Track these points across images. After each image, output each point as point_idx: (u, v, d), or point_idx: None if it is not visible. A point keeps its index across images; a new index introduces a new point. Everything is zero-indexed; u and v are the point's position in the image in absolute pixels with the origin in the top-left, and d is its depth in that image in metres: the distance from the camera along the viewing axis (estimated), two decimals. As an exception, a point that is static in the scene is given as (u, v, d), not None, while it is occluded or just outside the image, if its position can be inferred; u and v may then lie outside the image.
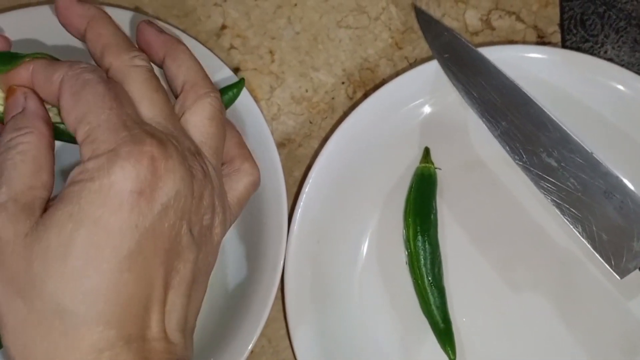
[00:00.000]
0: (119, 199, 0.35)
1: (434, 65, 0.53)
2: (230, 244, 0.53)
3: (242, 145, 0.46)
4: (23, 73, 0.41)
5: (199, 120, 0.41)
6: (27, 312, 0.35)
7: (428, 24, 0.55)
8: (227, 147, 0.44)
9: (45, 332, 0.35)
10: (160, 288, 0.37)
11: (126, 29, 0.52)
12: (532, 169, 0.51)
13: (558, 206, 0.51)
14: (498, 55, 0.53)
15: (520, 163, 0.52)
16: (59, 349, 0.35)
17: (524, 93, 0.52)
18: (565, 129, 0.52)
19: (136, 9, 0.55)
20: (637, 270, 0.49)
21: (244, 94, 0.52)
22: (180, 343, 0.38)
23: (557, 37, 0.57)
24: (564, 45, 0.57)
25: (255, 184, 0.45)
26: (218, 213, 0.40)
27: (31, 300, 0.35)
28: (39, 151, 0.38)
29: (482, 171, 0.55)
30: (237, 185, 0.44)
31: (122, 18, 0.52)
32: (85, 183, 0.36)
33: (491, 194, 0.55)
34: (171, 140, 0.38)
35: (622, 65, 0.54)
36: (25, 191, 0.37)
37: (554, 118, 0.52)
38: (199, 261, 0.39)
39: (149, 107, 0.39)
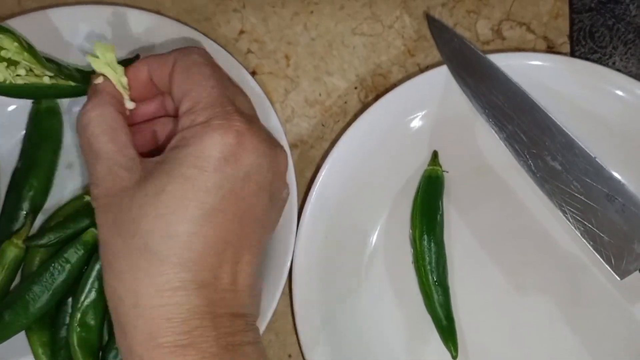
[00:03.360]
0: (208, 162, 0.41)
1: (444, 71, 0.55)
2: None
3: None
4: (141, 66, 0.48)
5: None
6: (121, 247, 0.42)
7: (439, 31, 0.56)
8: None
9: (133, 265, 0.41)
10: (235, 246, 0.43)
11: (147, 31, 0.55)
12: (536, 171, 0.53)
13: (561, 208, 0.52)
14: (507, 63, 0.54)
15: (525, 166, 0.53)
16: (141, 281, 0.41)
17: (530, 98, 0.53)
18: (570, 134, 0.53)
19: (158, 13, 0.57)
20: (638, 272, 0.50)
21: (260, 96, 0.54)
22: (247, 299, 0.43)
23: (566, 48, 0.58)
24: (573, 56, 0.58)
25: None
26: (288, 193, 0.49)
27: (126, 237, 0.41)
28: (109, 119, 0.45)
29: (489, 175, 0.56)
30: None
31: (143, 20, 0.55)
32: (182, 148, 0.42)
33: (497, 198, 0.56)
34: (257, 122, 0.46)
35: (630, 76, 0.55)
36: (115, 154, 0.44)
37: (559, 123, 0.53)
38: (270, 230, 0.46)
39: (243, 97, 0.48)
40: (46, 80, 0.48)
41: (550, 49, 0.58)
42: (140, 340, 0.41)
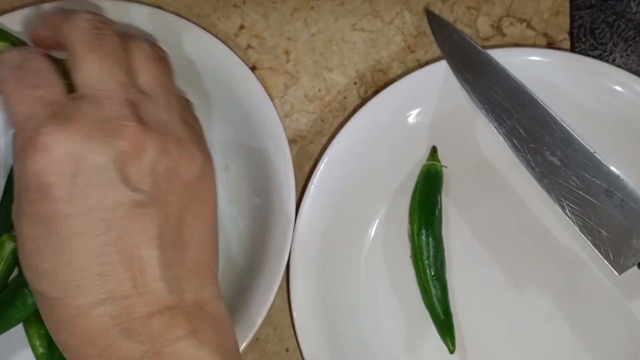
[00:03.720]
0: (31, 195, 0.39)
1: (443, 66, 0.55)
2: (238, 232, 0.55)
3: None
4: None
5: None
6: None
7: (439, 26, 0.56)
8: None
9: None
10: (116, 253, 0.38)
11: (147, 25, 0.55)
12: (535, 167, 0.53)
13: (560, 203, 0.52)
14: (507, 58, 0.54)
15: (524, 161, 0.53)
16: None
17: (530, 94, 0.53)
18: (569, 129, 0.53)
19: (159, 7, 0.57)
20: (637, 267, 0.50)
21: (260, 90, 0.54)
22: (162, 290, 0.39)
23: (567, 45, 0.58)
24: (573, 52, 0.58)
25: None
26: (172, 151, 0.41)
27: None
28: None
29: (488, 170, 0.56)
30: None
31: (144, 14, 0.55)
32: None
33: (497, 193, 0.56)
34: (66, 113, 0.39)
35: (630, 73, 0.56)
36: None
37: (558, 118, 0.53)
38: (163, 209, 0.40)
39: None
40: None
41: (551, 46, 0.58)
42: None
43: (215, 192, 0.44)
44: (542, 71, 0.54)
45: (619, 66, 0.57)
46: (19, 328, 0.53)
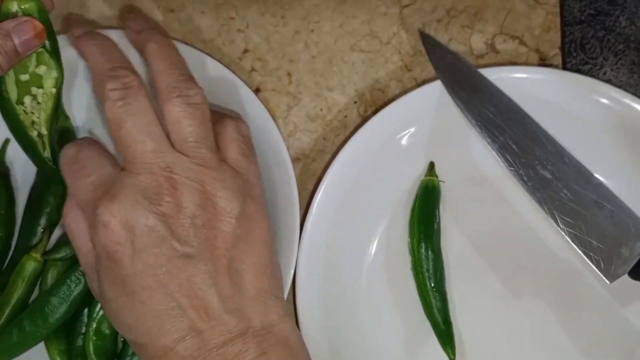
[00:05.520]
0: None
1: (438, 85, 0.57)
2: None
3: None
4: None
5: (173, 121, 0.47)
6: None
7: (433, 47, 0.58)
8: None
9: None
10: (182, 297, 0.44)
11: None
12: (527, 180, 0.54)
13: (552, 215, 0.54)
14: (499, 76, 0.56)
15: (517, 175, 0.55)
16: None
17: (521, 110, 0.55)
18: (560, 143, 0.55)
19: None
20: (627, 275, 0.52)
21: (263, 112, 0.56)
22: (230, 321, 0.44)
23: (558, 60, 0.60)
24: (565, 67, 0.60)
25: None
26: (207, 205, 0.46)
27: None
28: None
29: (484, 184, 0.58)
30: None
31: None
32: None
33: (492, 206, 0.58)
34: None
35: (620, 87, 0.58)
36: None
37: (549, 133, 0.55)
38: (210, 254, 0.45)
39: None
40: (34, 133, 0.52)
41: (543, 61, 0.60)
42: None
43: (263, 228, 0.48)
44: (533, 88, 0.56)
45: (610, 79, 0.59)
46: (41, 345, 0.55)
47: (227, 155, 0.49)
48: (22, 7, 0.48)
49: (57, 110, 0.52)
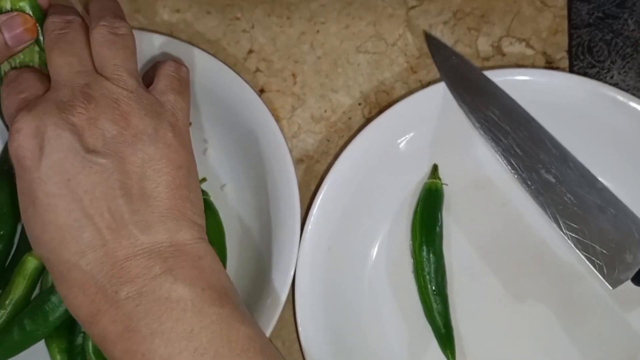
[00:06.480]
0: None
1: (442, 87, 0.57)
2: (245, 248, 0.58)
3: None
4: None
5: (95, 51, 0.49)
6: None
7: (437, 49, 0.58)
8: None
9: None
10: (87, 206, 0.44)
11: (160, 53, 0.57)
12: (531, 184, 0.54)
13: (555, 219, 0.53)
14: (504, 78, 0.56)
15: (520, 179, 0.55)
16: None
17: (525, 113, 0.55)
18: (564, 147, 0.54)
19: (171, 35, 0.60)
20: (629, 281, 0.51)
21: (266, 113, 0.56)
22: (136, 233, 0.44)
23: (565, 63, 0.60)
24: (572, 70, 0.59)
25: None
26: (117, 119, 0.46)
27: None
28: None
29: (488, 187, 0.58)
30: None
31: (156, 42, 0.57)
32: None
33: (496, 209, 0.57)
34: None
35: (628, 90, 0.57)
36: None
37: (554, 137, 0.54)
38: (119, 165, 0.45)
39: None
40: None
41: (549, 64, 0.59)
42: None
43: (178, 152, 0.48)
44: (538, 91, 0.56)
45: (617, 83, 0.58)
46: (41, 343, 0.55)
47: (155, 87, 0.50)
48: (16, 5, 0.50)
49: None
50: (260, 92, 0.60)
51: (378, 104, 0.60)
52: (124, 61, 0.49)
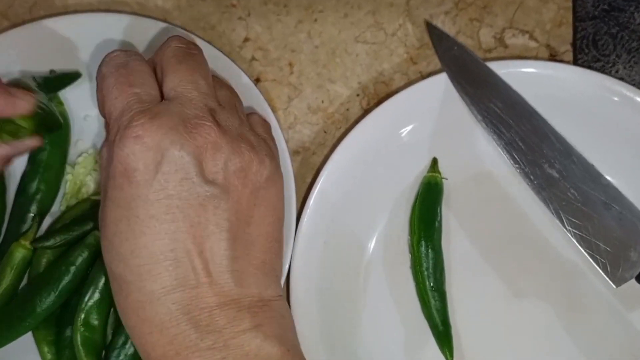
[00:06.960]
0: (120, 179, 0.42)
1: (443, 78, 0.55)
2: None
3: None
4: None
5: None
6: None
7: (439, 39, 0.57)
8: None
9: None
10: (190, 240, 0.41)
11: (154, 38, 0.56)
12: (533, 179, 0.53)
13: (558, 215, 0.52)
14: (507, 70, 0.55)
15: (523, 173, 0.53)
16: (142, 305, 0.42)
17: (529, 106, 0.54)
18: (568, 141, 0.53)
19: (165, 21, 0.58)
20: (634, 280, 0.50)
21: (262, 102, 0.55)
22: (229, 284, 0.42)
23: (569, 56, 0.58)
24: (576, 64, 0.58)
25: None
26: (244, 152, 0.44)
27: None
28: None
29: (488, 182, 0.56)
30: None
31: (150, 28, 0.56)
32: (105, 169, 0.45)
33: (496, 204, 0.56)
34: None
35: (633, 85, 0.55)
36: None
37: (558, 131, 0.53)
38: (233, 204, 0.43)
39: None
40: None
41: (553, 57, 0.58)
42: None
43: (282, 202, 0.47)
44: (542, 83, 0.55)
45: (622, 78, 0.57)
46: (28, 335, 0.54)
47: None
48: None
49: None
50: (256, 81, 0.59)
51: (376, 95, 0.58)
52: (238, 106, 0.48)
